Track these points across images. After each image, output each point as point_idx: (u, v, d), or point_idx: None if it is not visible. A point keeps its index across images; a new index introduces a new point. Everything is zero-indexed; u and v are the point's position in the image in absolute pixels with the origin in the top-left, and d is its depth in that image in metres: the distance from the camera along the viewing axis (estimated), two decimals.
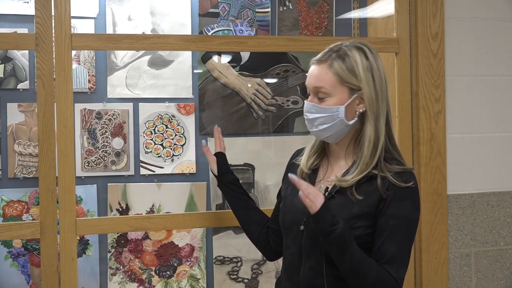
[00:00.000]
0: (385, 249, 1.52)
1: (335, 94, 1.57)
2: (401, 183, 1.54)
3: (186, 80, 2.98)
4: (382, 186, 1.54)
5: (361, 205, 1.54)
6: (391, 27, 2.37)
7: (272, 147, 3.07)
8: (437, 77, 2.30)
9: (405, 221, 1.54)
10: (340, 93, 1.57)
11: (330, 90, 1.57)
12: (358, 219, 1.53)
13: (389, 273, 1.50)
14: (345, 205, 1.55)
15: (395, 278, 1.51)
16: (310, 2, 3.08)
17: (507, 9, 2.41)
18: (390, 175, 1.55)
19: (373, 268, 1.49)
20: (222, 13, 3.00)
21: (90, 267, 2.87)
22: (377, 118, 1.57)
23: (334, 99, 1.57)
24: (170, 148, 2.96)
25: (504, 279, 2.39)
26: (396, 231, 1.52)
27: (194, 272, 2.97)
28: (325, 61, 1.59)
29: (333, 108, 1.57)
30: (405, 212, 1.54)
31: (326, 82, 1.57)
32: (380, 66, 1.59)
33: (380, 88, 1.58)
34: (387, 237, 1.52)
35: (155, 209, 2.92)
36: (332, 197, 1.57)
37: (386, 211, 1.53)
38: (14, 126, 2.78)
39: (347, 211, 1.54)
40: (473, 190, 2.36)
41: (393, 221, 1.52)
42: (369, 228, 1.54)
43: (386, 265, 1.51)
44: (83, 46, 2.09)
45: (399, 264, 1.52)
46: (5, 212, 2.76)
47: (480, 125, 2.38)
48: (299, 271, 1.61)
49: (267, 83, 3.05)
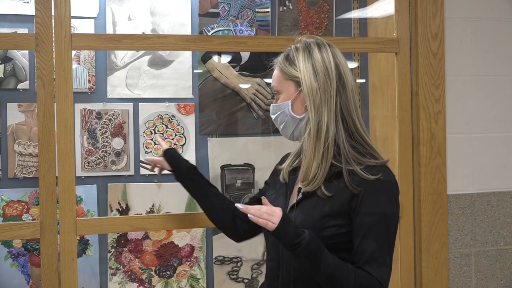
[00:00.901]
0: (363, 248, 1.45)
1: (283, 90, 1.59)
2: (368, 176, 1.47)
3: (186, 80, 2.98)
4: (351, 181, 1.47)
5: (332, 203, 1.49)
6: (391, 27, 2.37)
7: (272, 147, 3.07)
8: (437, 77, 2.30)
9: (381, 218, 1.46)
10: (286, 88, 1.58)
11: (278, 86, 1.60)
12: (330, 218, 1.48)
13: (369, 273, 1.44)
14: (316, 204, 1.51)
15: (376, 278, 1.44)
16: (310, 2, 3.08)
17: (507, 9, 2.41)
18: (359, 168, 1.48)
19: (350, 272, 1.43)
20: (222, 13, 3.00)
21: (90, 267, 2.87)
22: (318, 110, 1.51)
23: (283, 95, 1.59)
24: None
25: (504, 279, 2.39)
26: (372, 229, 1.45)
27: (194, 272, 2.97)
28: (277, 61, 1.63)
29: (283, 104, 1.58)
30: (380, 208, 1.47)
31: (275, 80, 1.61)
32: (326, 58, 1.54)
33: (326, 79, 1.52)
34: (364, 236, 1.45)
35: (155, 209, 2.92)
36: (306, 197, 1.54)
37: (360, 209, 1.46)
38: (14, 126, 2.78)
39: (318, 210, 1.50)
40: (473, 190, 2.36)
41: (368, 218, 1.46)
42: (343, 227, 1.48)
43: (365, 265, 1.44)
44: (83, 46, 2.09)
45: (380, 263, 1.45)
46: (5, 212, 2.76)
47: (480, 125, 2.38)
48: (278, 277, 1.57)
49: (267, 83, 3.06)
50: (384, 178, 1.49)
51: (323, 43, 1.58)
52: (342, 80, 1.55)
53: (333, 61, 1.55)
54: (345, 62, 1.58)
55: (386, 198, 1.49)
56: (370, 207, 1.47)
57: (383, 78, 2.60)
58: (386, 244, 1.48)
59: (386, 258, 1.47)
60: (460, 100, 2.35)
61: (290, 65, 1.58)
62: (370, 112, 2.76)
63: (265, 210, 1.44)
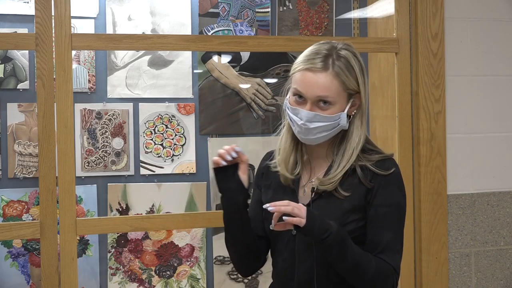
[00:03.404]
0: (379, 238, 1.50)
1: (338, 101, 1.53)
2: (383, 171, 1.52)
3: (186, 80, 2.98)
4: (364, 176, 1.52)
5: (350, 199, 1.52)
6: (391, 27, 2.37)
7: (272, 147, 3.06)
8: (437, 77, 2.30)
9: (396, 208, 1.53)
10: (342, 99, 1.53)
11: (335, 98, 1.52)
12: (350, 213, 1.52)
13: (386, 262, 1.49)
14: (335, 202, 1.53)
15: (392, 266, 1.49)
16: (310, 2, 3.08)
17: (507, 9, 2.41)
18: (370, 164, 1.53)
19: (371, 261, 1.47)
20: (222, 13, 3.00)
21: (90, 267, 2.86)
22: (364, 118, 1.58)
23: (337, 106, 1.53)
24: (170, 148, 2.96)
25: (504, 279, 2.39)
26: (388, 219, 1.51)
27: (194, 272, 2.97)
28: (327, 68, 1.51)
29: (335, 116, 1.53)
30: (394, 199, 1.53)
31: (333, 91, 1.51)
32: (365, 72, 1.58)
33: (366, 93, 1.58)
34: (380, 226, 1.50)
35: (155, 209, 2.92)
36: (320, 196, 1.55)
37: (374, 201, 1.51)
38: (14, 126, 2.78)
39: (338, 207, 1.52)
40: (473, 190, 2.36)
41: (384, 209, 1.51)
42: (361, 221, 1.52)
43: (381, 254, 1.49)
44: (83, 46, 2.09)
45: (394, 251, 1.51)
46: (5, 212, 2.76)
47: (480, 125, 2.38)
48: (293, 276, 1.57)
49: (267, 83, 3.05)
50: (395, 170, 1.55)
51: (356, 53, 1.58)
52: None
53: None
54: None
55: (398, 188, 1.55)
56: (386, 198, 1.52)
57: (383, 78, 2.60)
58: (400, 233, 1.54)
59: (399, 246, 1.53)
60: (460, 100, 2.35)
61: (351, 76, 1.53)
62: (370, 112, 2.76)
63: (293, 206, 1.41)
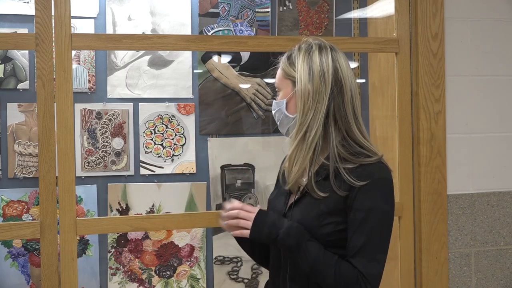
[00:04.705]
0: (354, 243, 1.47)
1: (282, 88, 1.62)
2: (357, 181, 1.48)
3: (186, 80, 2.98)
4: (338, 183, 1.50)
5: (328, 201, 1.51)
6: (391, 27, 2.37)
7: (272, 147, 3.07)
8: (437, 77, 2.30)
9: (374, 213, 1.48)
10: (285, 87, 1.61)
11: (279, 84, 1.64)
12: (327, 215, 1.51)
13: (352, 265, 1.46)
14: (314, 203, 1.53)
15: (360, 272, 1.45)
16: (310, 2, 3.08)
17: (507, 9, 2.41)
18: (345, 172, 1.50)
19: (332, 265, 1.45)
20: (222, 13, 3.00)
21: (90, 267, 2.87)
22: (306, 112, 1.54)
23: (282, 93, 1.63)
24: (170, 148, 2.96)
25: (504, 279, 2.39)
26: (364, 223, 1.47)
27: (194, 272, 2.97)
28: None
29: (280, 102, 1.62)
30: (373, 203, 1.48)
31: (277, 77, 1.65)
32: (325, 62, 1.55)
33: (320, 82, 1.53)
34: (356, 230, 1.47)
35: (155, 209, 2.92)
36: (304, 196, 1.57)
37: (354, 204, 1.48)
38: (14, 126, 2.78)
39: (315, 208, 1.52)
40: (473, 190, 2.36)
41: (361, 213, 1.47)
42: (341, 224, 1.50)
43: (352, 258, 1.47)
44: (83, 46, 2.09)
45: (368, 258, 1.46)
46: (5, 212, 2.76)
47: (480, 125, 2.38)
48: (279, 273, 1.60)
49: (267, 83, 3.06)
50: (378, 175, 1.51)
51: (325, 46, 1.59)
52: (340, 85, 1.55)
53: (332, 65, 1.56)
54: (347, 67, 1.59)
55: (379, 194, 1.50)
56: (364, 202, 1.48)
57: (383, 78, 2.60)
58: (377, 240, 1.49)
59: (376, 253, 1.48)
60: (460, 100, 2.35)
61: (290, 64, 1.61)
62: (370, 112, 2.77)
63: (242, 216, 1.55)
